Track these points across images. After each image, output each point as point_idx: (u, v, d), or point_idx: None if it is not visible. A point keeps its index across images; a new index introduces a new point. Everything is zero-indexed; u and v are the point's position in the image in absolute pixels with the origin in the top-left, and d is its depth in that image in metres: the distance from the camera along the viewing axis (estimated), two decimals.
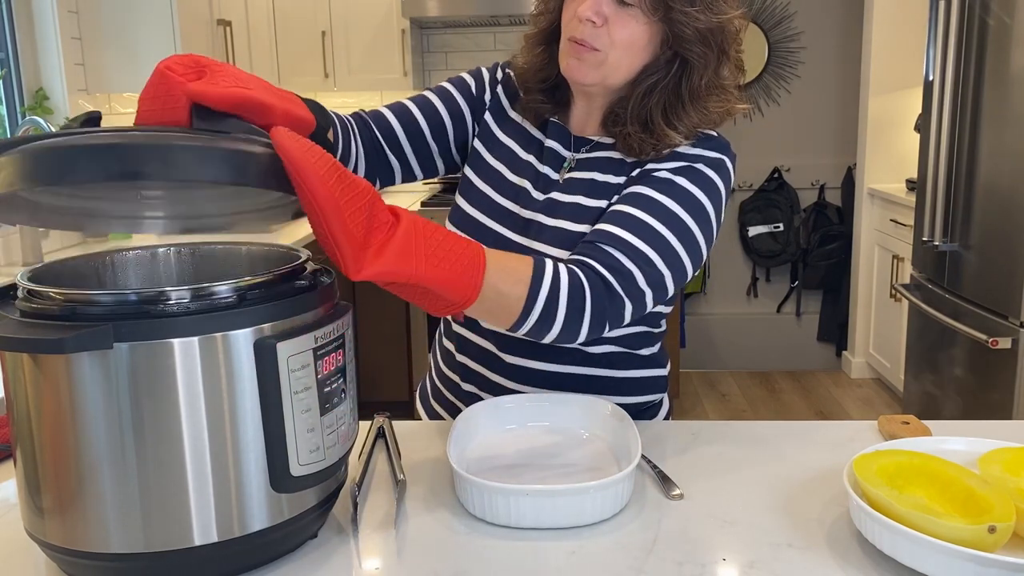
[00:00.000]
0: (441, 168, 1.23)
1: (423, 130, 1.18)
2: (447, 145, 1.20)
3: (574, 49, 1.05)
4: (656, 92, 1.06)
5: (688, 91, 1.06)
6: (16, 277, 0.75)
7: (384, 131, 1.18)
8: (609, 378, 1.17)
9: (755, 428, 1.10)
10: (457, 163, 1.23)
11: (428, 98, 1.20)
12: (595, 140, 1.14)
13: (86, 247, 2.91)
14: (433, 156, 1.20)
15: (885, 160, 4.05)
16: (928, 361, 3.08)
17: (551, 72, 1.13)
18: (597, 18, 1.02)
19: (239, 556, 0.76)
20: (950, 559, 0.71)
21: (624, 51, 1.04)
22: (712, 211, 1.06)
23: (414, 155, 1.19)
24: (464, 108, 1.20)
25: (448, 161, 1.22)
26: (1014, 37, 2.49)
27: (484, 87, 1.22)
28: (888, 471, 0.83)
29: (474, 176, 1.19)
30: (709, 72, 1.06)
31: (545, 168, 1.15)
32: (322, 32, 3.82)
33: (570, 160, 1.14)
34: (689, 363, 4.51)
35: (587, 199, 1.10)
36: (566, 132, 1.16)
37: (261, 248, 0.92)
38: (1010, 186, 2.51)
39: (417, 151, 1.19)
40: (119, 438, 0.69)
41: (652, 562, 0.79)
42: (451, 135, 1.20)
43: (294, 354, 0.73)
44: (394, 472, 0.96)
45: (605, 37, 1.03)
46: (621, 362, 1.17)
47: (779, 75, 4.46)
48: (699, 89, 1.06)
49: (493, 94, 1.21)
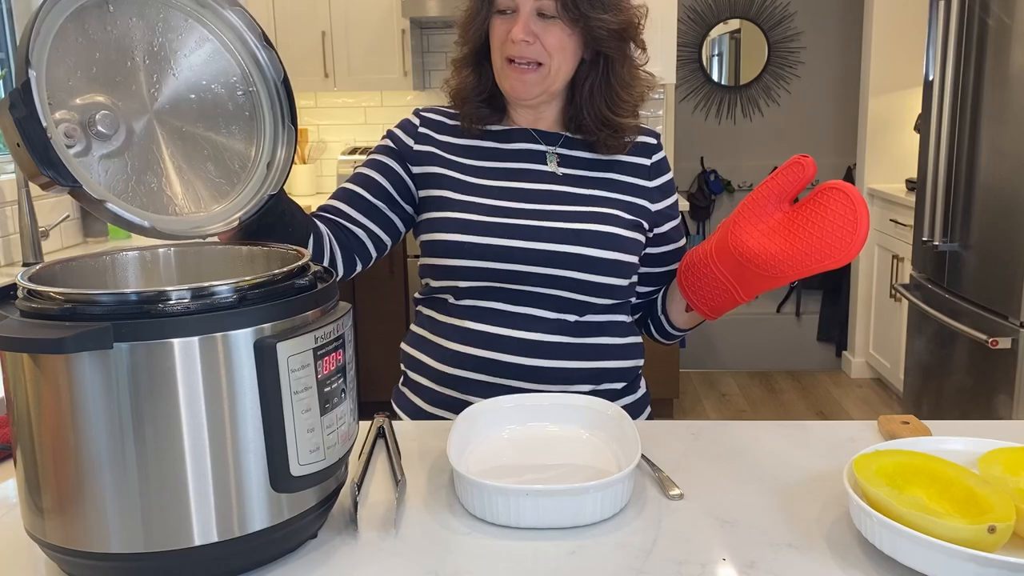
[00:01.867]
0: (401, 228, 1.32)
1: (373, 204, 1.29)
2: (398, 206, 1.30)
3: (516, 71, 1.21)
4: (596, 91, 1.24)
5: (617, 81, 1.24)
6: (16, 277, 0.75)
7: (343, 217, 1.28)
8: (604, 345, 1.26)
9: (755, 428, 1.10)
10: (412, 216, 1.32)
11: (365, 174, 1.30)
12: (564, 135, 1.29)
13: (86, 247, 2.91)
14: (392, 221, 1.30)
15: (885, 160, 4.05)
16: (928, 361, 3.08)
17: (484, 87, 1.28)
18: (529, 36, 1.18)
19: (239, 556, 0.76)
20: (950, 559, 0.71)
21: (559, 57, 1.20)
22: None
23: (376, 226, 1.29)
24: (397, 168, 1.30)
25: (404, 219, 1.32)
26: (1014, 37, 2.49)
27: (403, 140, 1.31)
28: (888, 471, 0.83)
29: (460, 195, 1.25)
30: (628, 61, 1.25)
31: (525, 165, 1.27)
32: (322, 32, 3.82)
33: (550, 153, 1.28)
34: (689, 363, 4.51)
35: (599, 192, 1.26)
36: (527, 132, 1.29)
37: (261, 248, 0.93)
38: (1010, 186, 2.51)
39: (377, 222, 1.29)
40: (119, 438, 0.69)
41: (652, 562, 0.79)
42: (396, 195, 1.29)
43: (294, 354, 0.73)
44: (394, 472, 0.96)
45: (540, 49, 1.19)
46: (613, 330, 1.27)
47: (779, 75, 4.46)
48: (624, 76, 1.24)
49: (421, 139, 1.30)
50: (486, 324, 1.22)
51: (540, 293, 1.21)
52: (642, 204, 1.27)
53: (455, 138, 1.30)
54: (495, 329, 1.21)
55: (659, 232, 1.31)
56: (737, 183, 4.52)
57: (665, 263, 1.33)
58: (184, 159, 0.94)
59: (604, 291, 1.22)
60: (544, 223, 1.21)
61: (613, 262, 1.21)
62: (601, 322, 1.25)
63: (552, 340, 1.22)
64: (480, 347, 1.22)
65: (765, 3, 4.39)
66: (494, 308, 1.22)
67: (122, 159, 0.89)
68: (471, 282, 1.21)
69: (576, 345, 1.23)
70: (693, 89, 4.49)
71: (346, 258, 1.26)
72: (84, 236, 2.95)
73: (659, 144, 1.33)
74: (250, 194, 0.99)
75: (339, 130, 4.28)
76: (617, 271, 1.22)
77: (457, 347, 1.23)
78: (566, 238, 1.20)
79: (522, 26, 1.18)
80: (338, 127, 4.28)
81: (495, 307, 1.22)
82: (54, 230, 2.77)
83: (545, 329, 1.21)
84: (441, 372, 1.25)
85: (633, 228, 1.25)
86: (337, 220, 1.27)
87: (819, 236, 1.02)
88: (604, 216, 1.22)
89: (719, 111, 4.48)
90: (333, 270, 1.21)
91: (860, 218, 0.99)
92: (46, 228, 2.69)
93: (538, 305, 1.21)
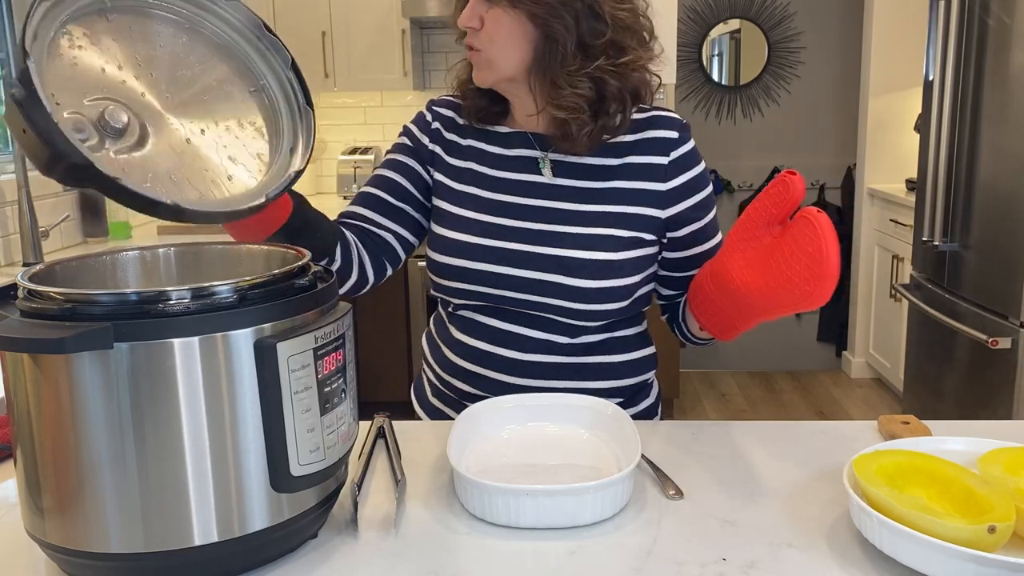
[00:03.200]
0: (427, 225, 1.28)
1: (396, 206, 1.25)
2: (420, 204, 1.27)
3: (471, 56, 1.15)
4: (560, 77, 1.10)
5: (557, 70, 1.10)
6: (16, 277, 0.75)
7: (367, 222, 1.25)
8: (600, 364, 1.20)
9: (755, 428, 1.10)
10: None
11: (385, 176, 1.26)
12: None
13: (86, 247, 2.91)
14: (417, 220, 1.27)
15: (885, 160, 4.05)
16: (928, 361, 3.08)
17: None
18: (474, 22, 1.11)
19: (239, 556, 0.76)
20: (950, 559, 0.71)
21: (505, 44, 1.11)
22: None
23: (401, 228, 1.26)
24: (415, 166, 1.26)
25: (428, 216, 1.28)
26: (1014, 37, 2.49)
27: (419, 138, 1.27)
28: (888, 471, 0.83)
29: (451, 206, 1.22)
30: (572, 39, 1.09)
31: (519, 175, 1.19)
32: (322, 32, 3.82)
33: (542, 158, 1.19)
34: (689, 363, 4.51)
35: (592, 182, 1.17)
36: (525, 136, 1.21)
37: (261, 248, 0.93)
38: (1010, 186, 2.51)
39: (402, 224, 1.26)
40: (119, 438, 0.69)
41: (652, 562, 0.79)
42: (418, 195, 1.26)
43: (294, 354, 0.73)
44: (394, 472, 0.96)
45: (484, 37, 1.11)
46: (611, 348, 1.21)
47: (779, 75, 4.46)
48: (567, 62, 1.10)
49: (434, 136, 1.26)
50: (477, 339, 1.20)
51: (529, 314, 1.17)
52: (648, 214, 1.16)
53: (460, 138, 1.24)
54: (485, 346, 1.19)
55: (675, 237, 1.20)
56: (737, 183, 4.51)
57: (684, 268, 1.22)
58: (203, 160, 0.93)
59: (597, 316, 1.16)
60: (532, 248, 1.15)
61: (604, 290, 1.14)
62: (598, 342, 1.19)
63: (541, 360, 1.18)
64: (471, 362, 1.20)
65: (765, 3, 4.39)
66: (485, 323, 1.19)
67: (137, 158, 0.88)
68: (462, 299, 1.21)
69: (568, 365, 1.18)
70: (693, 89, 4.49)
71: (375, 264, 1.24)
72: (84, 236, 2.95)
73: (681, 137, 1.17)
74: (276, 177, 0.97)
75: (339, 130, 4.29)
76: (610, 297, 1.15)
77: (453, 358, 1.23)
78: (554, 266, 1.13)
79: (467, 11, 1.11)
80: (338, 127, 4.28)
81: (486, 322, 1.19)
82: (54, 230, 2.77)
83: (534, 349, 1.17)
84: (441, 376, 1.26)
85: (633, 247, 1.16)
86: (362, 226, 1.24)
87: (788, 276, 0.92)
88: (597, 239, 1.14)
89: (719, 111, 4.48)
90: (364, 277, 1.23)
91: (828, 259, 0.87)
92: (46, 228, 2.69)
93: (528, 325, 1.17)
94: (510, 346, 1.18)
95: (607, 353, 1.21)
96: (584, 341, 1.19)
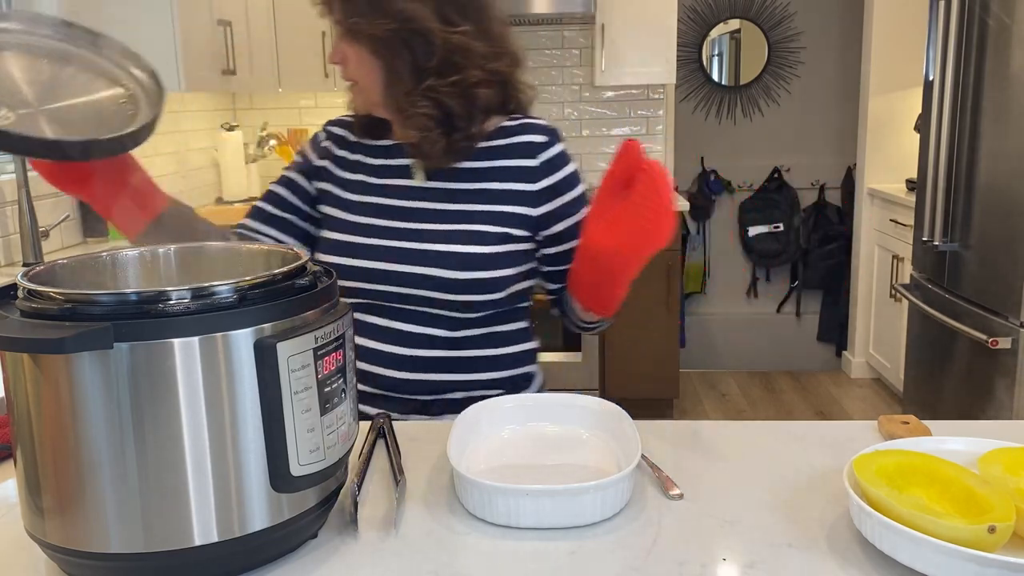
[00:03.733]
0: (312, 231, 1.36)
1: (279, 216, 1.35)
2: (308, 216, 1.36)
3: (348, 87, 1.27)
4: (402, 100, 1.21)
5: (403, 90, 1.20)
6: (16, 277, 0.75)
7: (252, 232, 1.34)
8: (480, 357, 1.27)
9: (755, 428, 1.10)
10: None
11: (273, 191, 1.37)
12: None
13: (86, 247, 2.91)
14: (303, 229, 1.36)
15: (885, 160, 4.05)
16: (928, 361, 3.09)
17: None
18: (339, 59, 1.23)
19: (239, 556, 0.76)
20: (950, 559, 0.71)
21: (362, 76, 1.23)
22: None
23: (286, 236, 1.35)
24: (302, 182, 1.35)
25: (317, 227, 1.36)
26: (1014, 37, 2.49)
27: (308, 156, 1.37)
28: (888, 471, 0.83)
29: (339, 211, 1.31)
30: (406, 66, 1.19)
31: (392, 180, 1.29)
32: (322, 32, 3.81)
33: (413, 164, 1.28)
34: (689, 363, 4.51)
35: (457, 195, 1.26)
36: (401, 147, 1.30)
37: (261, 248, 0.93)
38: (1010, 186, 2.51)
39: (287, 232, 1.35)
40: (119, 438, 0.69)
41: (652, 562, 0.79)
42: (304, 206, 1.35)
43: (294, 354, 0.73)
44: (394, 472, 0.96)
45: (351, 70, 1.23)
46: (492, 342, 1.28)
47: (779, 75, 4.46)
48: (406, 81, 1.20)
49: (322, 153, 1.35)
50: (366, 338, 1.26)
51: (409, 310, 1.24)
52: (519, 212, 1.24)
53: (350, 153, 1.34)
54: (372, 344, 1.26)
55: (550, 233, 1.27)
56: (737, 183, 4.52)
57: (564, 262, 1.27)
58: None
59: (473, 307, 1.23)
60: (402, 243, 1.23)
61: (475, 281, 1.21)
62: (479, 335, 1.26)
63: (423, 355, 1.24)
64: (364, 360, 1.26)
65: (765, 3, 4.39)
66: (371, 322, 1.26)
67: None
68: (350, 299, 1.26)
69: (449, 359, 1.25)
70: (693, 89, 4.49)
71: None
72: (84, 236, 2.95)
73: (551, 140, 1.26)
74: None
75: None
76: (483, 288, 1.22)
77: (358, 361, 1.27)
78: (422, 259, 1.21)
79: (332, 50, 1.24)
80: None
81: (372, 321, 1.26)
82: (54, 230, 2.77)
83: (416, 344, 1.24)
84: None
85: (504, 241, 1.23)
86: (249, 235, 1.34)
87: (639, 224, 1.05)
88: (466, 235, 1.22)
89: (719, 111, 4.48)
90: None
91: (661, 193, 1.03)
92: (46, 228, 2.69)
93: (408, 320, 1.24)
94: (392, 342, 1.25)
95: (487, 347, 1.28)
96: (464, 335, 1.25)
